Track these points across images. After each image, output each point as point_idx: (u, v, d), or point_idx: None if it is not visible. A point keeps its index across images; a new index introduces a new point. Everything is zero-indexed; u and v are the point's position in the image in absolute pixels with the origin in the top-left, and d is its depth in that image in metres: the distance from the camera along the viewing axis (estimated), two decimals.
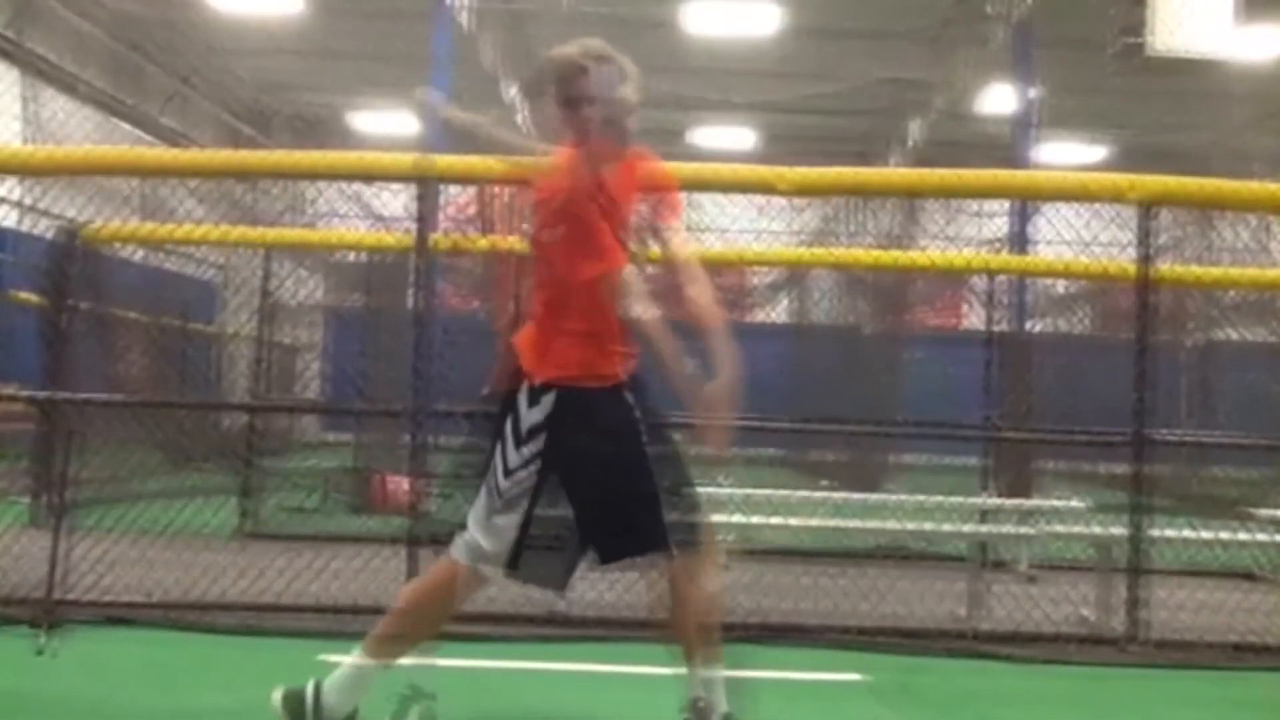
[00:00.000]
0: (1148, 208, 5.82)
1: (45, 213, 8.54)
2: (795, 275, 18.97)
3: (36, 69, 16.15)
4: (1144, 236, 5.86)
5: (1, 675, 4.50)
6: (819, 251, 10.49)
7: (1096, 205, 6.96)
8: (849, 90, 19.59)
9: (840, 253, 10.35)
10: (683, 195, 6.56)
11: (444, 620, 3.67)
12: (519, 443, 3.46)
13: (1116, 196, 5.86)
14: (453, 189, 9.25)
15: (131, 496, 8.73)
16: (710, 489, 8.57)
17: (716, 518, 7.29)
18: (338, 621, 5.42)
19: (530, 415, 3.47)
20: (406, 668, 3.71)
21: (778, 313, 21.39)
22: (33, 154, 8.24)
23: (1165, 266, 9.43)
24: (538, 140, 3.75)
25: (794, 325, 20.34)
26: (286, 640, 5.18)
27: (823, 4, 17.10)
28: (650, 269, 3.60)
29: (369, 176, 6.47)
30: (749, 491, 8.35)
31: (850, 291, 15.64)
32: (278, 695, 3.61)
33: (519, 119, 22.20)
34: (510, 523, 3.48)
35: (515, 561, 3.51)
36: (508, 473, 3.47)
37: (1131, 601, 5.57)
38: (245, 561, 6.04)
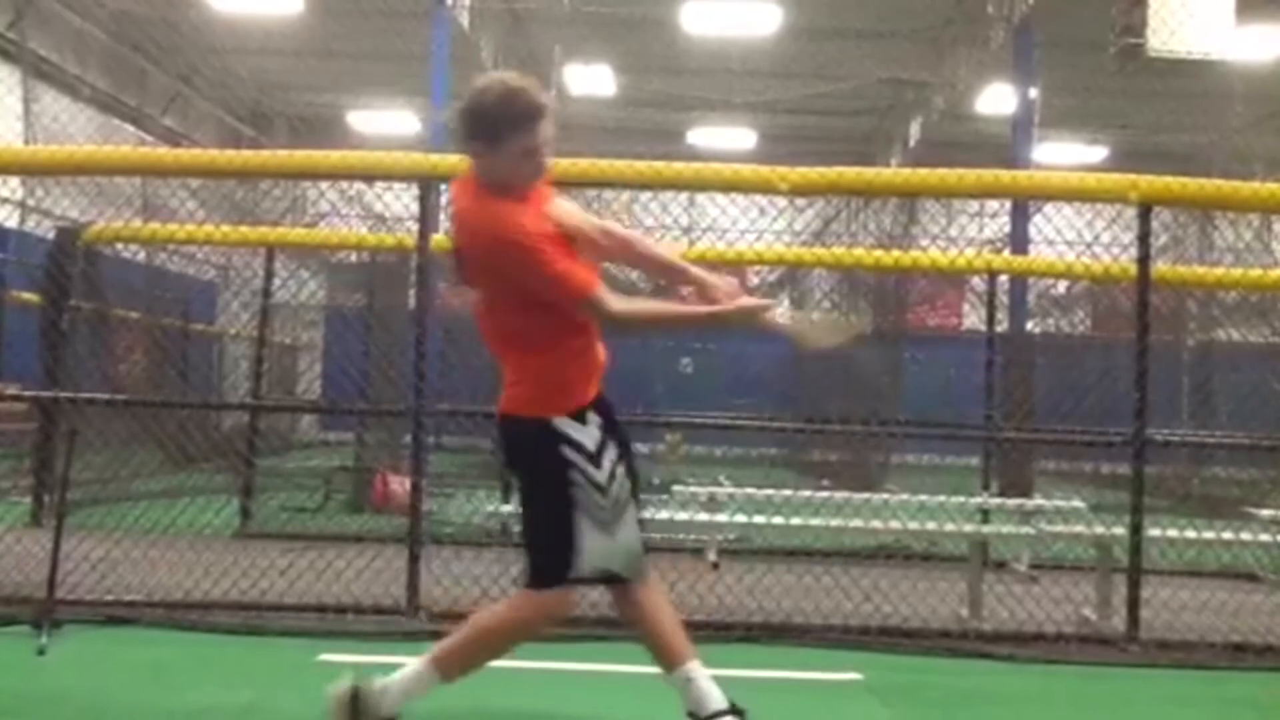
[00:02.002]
0: (1147, 208, 5.82)
1: (48, 213, 8.55)
2: (795, 275, 18.99)
3: (38, 69, 16.16)
4: (1144, 236, 5.85)
5: (2, 675, 4.50)
6: (819, 251, 10.49)
7: (1096, 205, 6.97)
8: (849, 90, 19.61)
9: (840, 253, 10.35)
10: (683, 195, 6.51)
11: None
12: (594, 459, 3.55)
13: (1117, 197, 5.86)
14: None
15: (132, 496, 8.75)
16: (710, 488, 8.61)
17: (717, 517, 7.33)
18: (338, 621, 5.43)
19: (586, 435, 3.56)
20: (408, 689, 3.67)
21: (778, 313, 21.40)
22: (34, 154, 8.26)
23: (1166, 267, 9.50)
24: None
25: None
26: (287, 640, 5.18)
27: (822, 4, 17.11)
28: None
29: (369, 176, 6.47)
30: (749, 491, 8.37)
31: (850, 292, 15.64)
32: (337, 690, 3.58)
33: None
34: (630, 527, 3.60)
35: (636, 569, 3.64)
36: (601, 489, 3.54)
37: (1132, 601, 5.57)
38: (246, 561, 6.03)
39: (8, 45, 15.81)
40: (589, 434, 3.55)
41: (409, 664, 3.63)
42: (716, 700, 3.55)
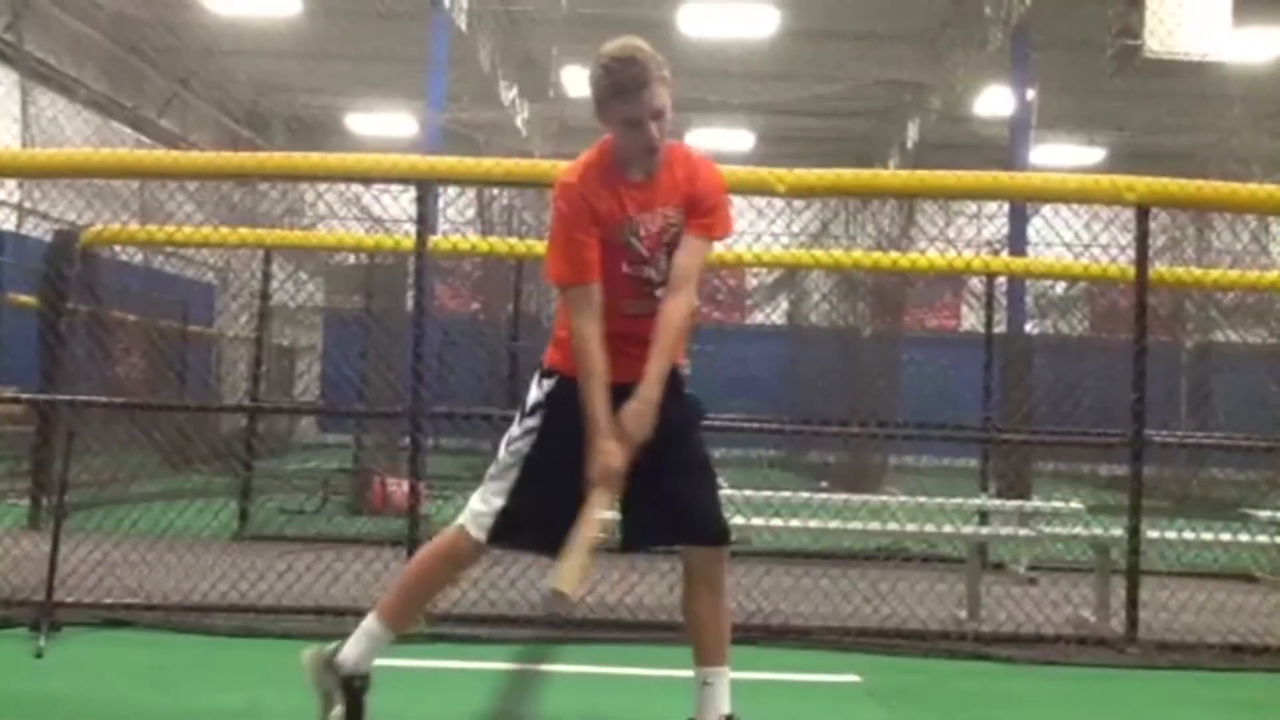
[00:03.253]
0: (1145, 209, 5.82)
1: (45, 216, 8.54)
2: (793, 277, 18.99)
3: (35, 71, 16.15)
4: (1142, 238, 5.86)
5: (1, 677, 4.49)
6: (818, 253, 10.49)
7: (1094, 207, 6.98)
8: (847, 92, 19.60)
9: (839, 254, 10.35)
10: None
11: (445, 587, 3.81)
12: (522, 416, 3.60)
13: (1115, 198, 5.86)
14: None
15: (130, 499, 8.75)
16: None
17: None
18: (337, 624, 5.40)
19: (534, 393, 3.60)
20: (364, 653, 3.68)
21: (777, 314, 21.42)
22: (32, 157, 8.26)
23: (1164, 268, 9.52)
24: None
25: (793, 327, 20.37)
26: (286, 642, 5.16)
27: (820, 6, 17.12)
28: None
29: (367, 178, 6.47)
30: (747, 493, 8.36)
31: (849, 293, 15.66)
32: (306, 655, 3.69)
33: (518, 120, 22.22)
34: (499, 489, 3.56)
35: (498, 532, 3.57)
36: (509, 442, 3.59)
37: (1130, 603, 5.57)
38: (244, 564, 6.03)
39: (5, 47, 15.80)
40: (533, 393, 3.61)
41: (361, 624, 3.70)
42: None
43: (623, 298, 3.51)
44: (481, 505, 3.60)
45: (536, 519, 3.50)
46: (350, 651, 3.64)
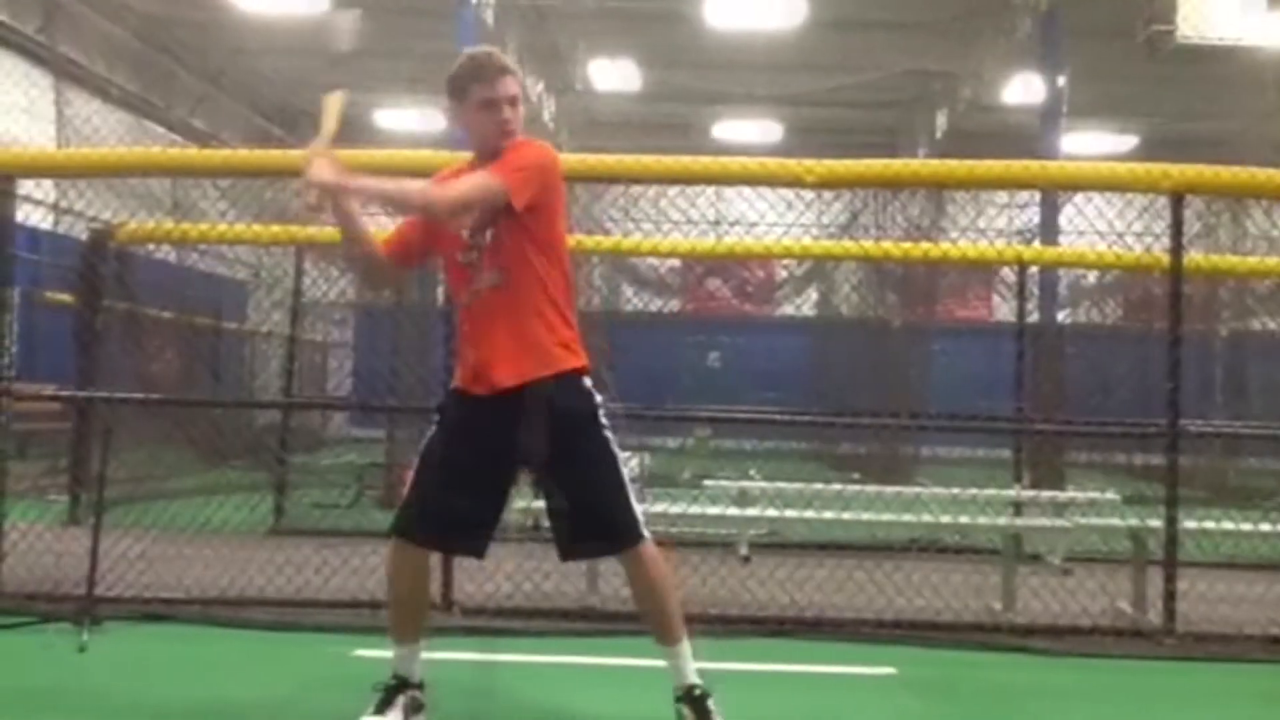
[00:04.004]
0: (1180, 197, 5.76)
1: (80, 214, 8.63)
2: (823, 268, 18.91)
3: (68, 72, 16.31)
4: (1176, 226, 5.79)
5: (45, 671, 4.57)
6: (847, 244, 10.44)
7: (1127, 195, 6.91)
8: (874, 82, 19.50)
9: (868, 245, 10.29)
10: (709, 189, 6.53)
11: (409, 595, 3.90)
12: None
13: (1149, 186, 5.80)
14: None
15: (166, 494, 8.85)
16: (741, 483, 8.60)
17: (747, 512, 7.32)
18: (372, 618, 5.44)
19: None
20: (394, 659, 3.77)
21: (808, 306, 21.36)
22: (68, 157, 8.35)
23: (1199, 255, 9.40)
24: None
25: (823, 319, 20.31)
26: (322, 636, 5.23)
27: None
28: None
29: (397, 174, 6.48)
30: (779, 485, 8.36)
31: (879, 284, 15.57)
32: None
33: (546, 114, 22.25)
34: (414, 492, 3.81)
35: (400, 525, 3.83)
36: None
37: (1168, 594, 5.52)
38: (281, 558, 6.08)
39: (38, 49, 15.97)
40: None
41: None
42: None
43: (460, 286, 3.75)
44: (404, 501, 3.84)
45: (435, 514, 3.69)
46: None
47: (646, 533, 3.68)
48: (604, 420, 3.73)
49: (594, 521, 3.65)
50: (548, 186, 3.66)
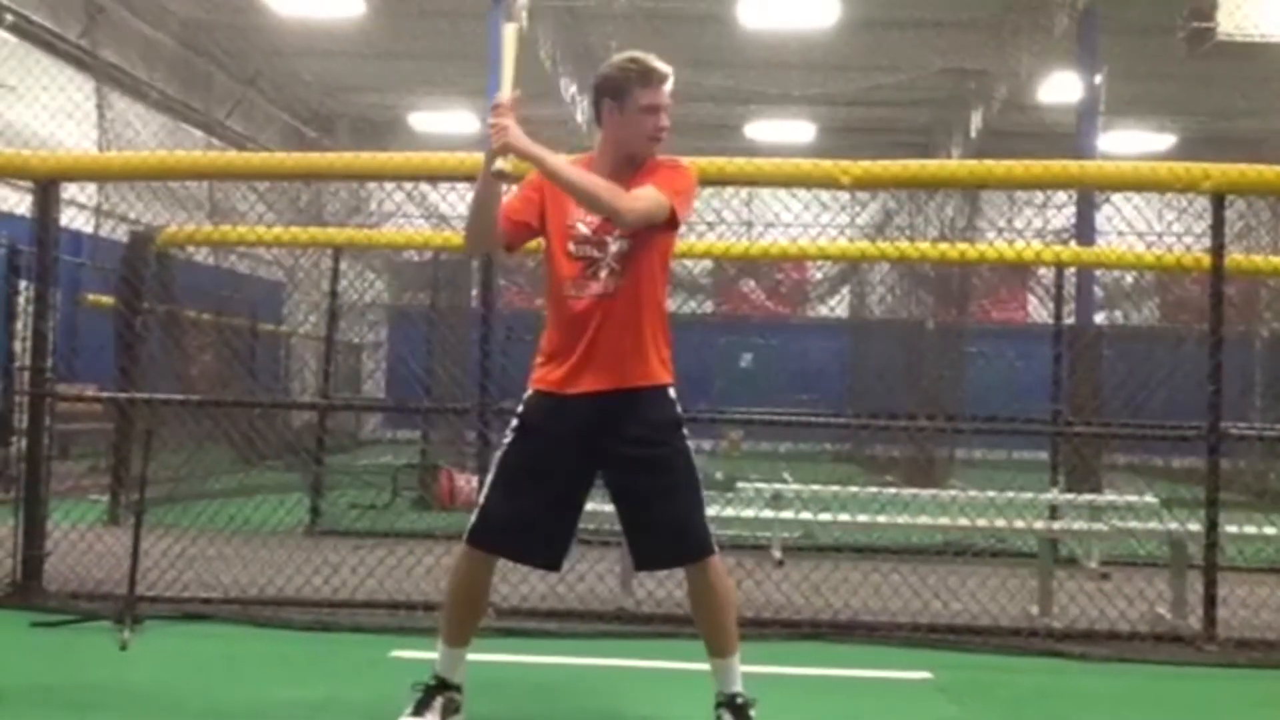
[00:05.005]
0: (1221, 197, 5.69)
1: (123, 217, 8.75)
2: (857, 269, 18.84)
3: (109, 76, 16.53)
4: (1218, 226, 5.72)
5: (88, 669, 4.63)
6: (882, 245, 10.39)
7: (1165, 195, 6.83)
8: (909, 81, 19.37)
9: (904, 246, 10.24)
10: (742, 190, 6.49)
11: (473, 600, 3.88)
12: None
13: (1190, 186, 5.73)
14: None
15: (205, 494, 8.95)
16: (774, 485, 8.58)
17: (781, 514, 7.31)
18: (409, 618, 5.50)
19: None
20: (439, 659, 3.78)
21: (841, 307, 21.28)
22: (110, 160, 8.47)
23: (1240, 255, 9.29)
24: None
25: (857, 320, 20.23)
26: (359, 636, 5.27)
27: None
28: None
29: (432, 177, 6.53)
30: (814, 488, 8.33)
31: (914, 286, 15.49)
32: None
33: (579, 115, 22.30)
34: (489, 500, 3.79)
35: (476, 533, 3.80)
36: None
37: (1208, 599, 5.45)
38: (318, 558, 6.14)
39: (81, 54, 16.18)
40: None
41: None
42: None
43: (566, 279, 3.70)
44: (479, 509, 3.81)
45: (510, 522, 3.68)
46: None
47: (716, 547, 3.71)
48: (686, 432, 3.75)
49: (671, 532, 3.67)
50: (691, 210, 3.78)
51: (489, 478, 3.80)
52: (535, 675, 4.75)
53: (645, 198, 3.60)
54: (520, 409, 3.81)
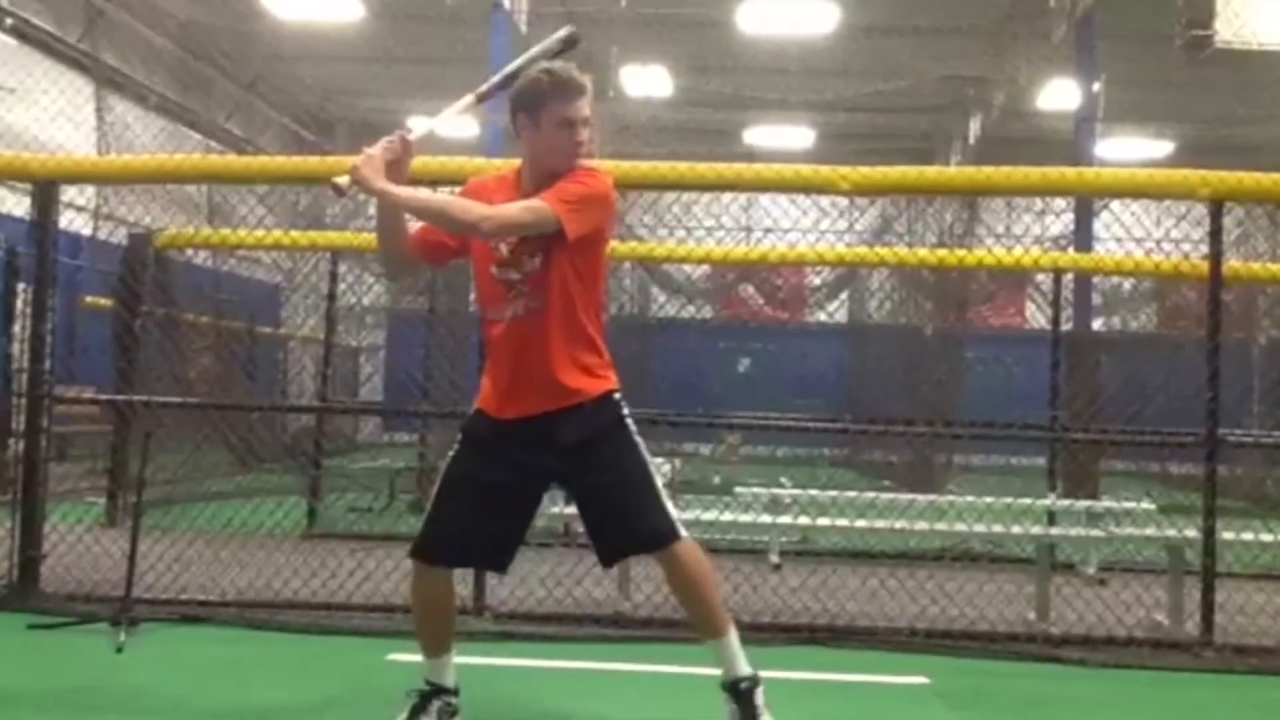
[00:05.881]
0: (1219, 204, 5.70)
1: (122, 220, 8.76)
2: (855, 275, 18.85)
3: (109, 79, 16.52)
4: (1216, 233, 5.73)
5: (84, 672, 4.63)
6: (880, 251, 10.40)
7: (1163, 202, 6.84)
8: (908, 88, 19.39)
9: (902, 252, 10.25)
10: (741, 195, 6.49)
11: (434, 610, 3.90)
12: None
13: (1187, 193, 5.74)
14: None
15: (202, 496, 8.94)
16: (772, 490, 8.58)
17: (778, 519, 7.31)
18: (406, 621, 5.45)
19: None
20: (425, 668, 3.79)
21: (840, 313, 21.28)
22: (110, 163, 8.47)
23: (1237, 263, 9.31)
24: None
25: (855, 325, 20.23)
26: (356, 639, 5.26)
27: (881, 1, 16.96)
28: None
29: (432, 181, 6.52)
30: (812, 493, 8.34)
31: (912, 291, 15.49)
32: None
33: None
34: (430, 512, 3.80)
35: (419, 546, 3.82)
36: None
37: (1206, 605, 5.46)
38: (315, 561, 6.13)
39: (81, 56, 16.19)
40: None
41: None
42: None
43: (492, 302, 3.67)
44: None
45: (451, 535, 3.70)
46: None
47: (683, 531, 3.66)
48: (630, 425, 3.71)
49: (627, 523, 3.65)
50: (600, 220, 3.63)
51: (433, 490, 3.79)
52: (533, 679, 4.75)
53: (511, 208, 3.52)
54: (463, 424, 3.81)
